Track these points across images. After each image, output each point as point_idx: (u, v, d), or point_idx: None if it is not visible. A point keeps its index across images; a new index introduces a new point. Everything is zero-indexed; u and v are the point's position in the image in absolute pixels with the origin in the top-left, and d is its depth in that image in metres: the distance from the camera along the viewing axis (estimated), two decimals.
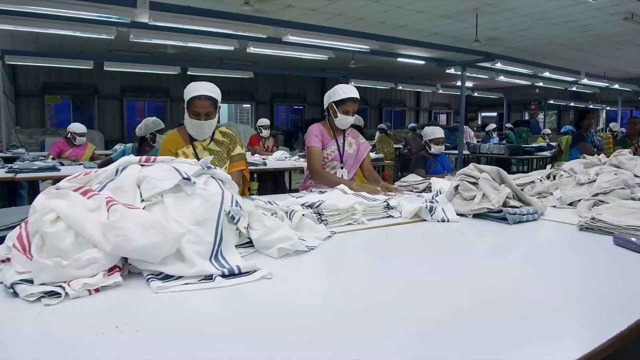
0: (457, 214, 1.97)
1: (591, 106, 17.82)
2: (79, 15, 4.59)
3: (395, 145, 11.39)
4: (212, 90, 2.55)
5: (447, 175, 3.12)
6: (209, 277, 1.19)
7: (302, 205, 1.77)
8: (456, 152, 9.25)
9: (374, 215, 1.94)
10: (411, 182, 2.90)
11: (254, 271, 1.23)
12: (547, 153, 8.67)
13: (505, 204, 1.95)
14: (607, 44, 10.77)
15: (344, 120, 3.04)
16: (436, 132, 4.41)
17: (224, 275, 1.19)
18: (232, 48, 6.47)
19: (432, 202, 2.07)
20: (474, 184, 2.07)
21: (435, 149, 4.40)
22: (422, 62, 11.79)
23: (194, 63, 11.59)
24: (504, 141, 11.05)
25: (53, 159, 5.26)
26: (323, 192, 2.30)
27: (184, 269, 1.19)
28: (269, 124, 7.50)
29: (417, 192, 2.78)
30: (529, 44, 10.71)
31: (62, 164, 4.92)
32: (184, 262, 1.21)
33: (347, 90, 3.02)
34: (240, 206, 1.45)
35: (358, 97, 3.04)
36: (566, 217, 2.03)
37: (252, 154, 6.76)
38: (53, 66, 11.24)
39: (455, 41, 9.57)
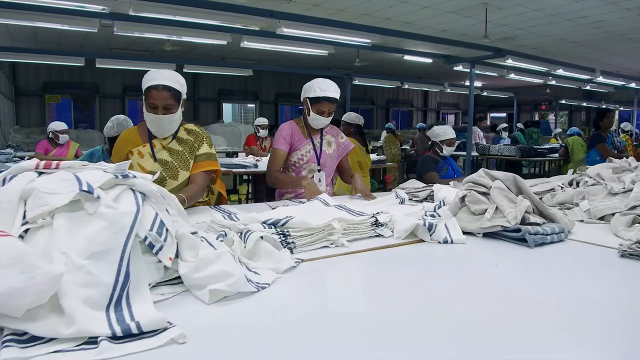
0: (464, 232, 1.58)
1: (604, 106, 17.33)
2: (55, 5, 4.25)
3: (402, 147, 11.02)
4: (172, 79, 2.17)
5: (451, 182, 2.71)
6: (94, 340, 0.81)
7: (264, 223, 1.38)
8: (463, 153, 8.83)
9: (358, 235, 1.53)
10: (411, 189, 2.49)
11: (165, 329, 0.84)
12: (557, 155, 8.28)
13: (523, 221, 1.55)
14: (621, 41, 10.31)
15: (316, 121, 2.71)
16: (448, 132, 4.00)
17: (114, 337, 0.81)
18: (224, 42, 6.09)
19: (433, 217, 1.68)
20: (485, 194, 1.67)
21: (447, 150, 3.99)
22: (430, 61, 11.41)
23: (195, 61, 11.29)
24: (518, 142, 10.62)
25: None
26: (302, 202, 1.91)
27: (57, 327, 0.81)
28: (266, 123, 7.14)
29: (417, 200, 2.38)
30: (540, 42, 10.30)
31: None
32: (60, 315, 0.83)
33: (324, 88, 2.66)
34: (167, 229, 1.07)
35: (336, 96, 2.69)
36: (599, 237, 1.63)
37: (247, 155, 6.39)
38: (53, 64, 11.01)
39: (464, 39, 9.22)
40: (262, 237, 1.25)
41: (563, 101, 17.38)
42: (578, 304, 1.04)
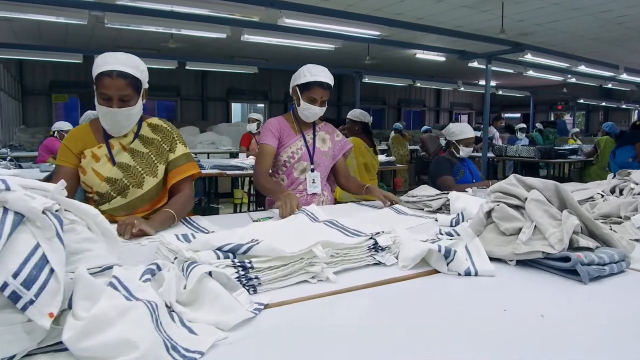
0: (491, 258, 1.20)
1: (623, 106, 16.77)
2: None
3: (412, 147, 10.63)
4: (129, 63, 1.79)
5: (471, 188, 2.32)
6: None
7: (219, 249, 1.00)
8: (478, 154, 8.41)
9: (351, 263, 1.15)
10: (422, 196, 2.11)
11: None
12: (581, 156, 7.81)
13: (571, 244, 1.17)
14: None
15: (307, 111, 2.38)
16: (466, 130, 3.56)
17: None
18: (224, 35, 5.74)
19: (450, 236, 1.30)
20: (518, 207, 1.29)
21: (464, 151, 3.56)
22: (443, 59, 10.98)
23: (200, 59, 11.00)
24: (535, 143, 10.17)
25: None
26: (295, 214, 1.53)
27: None
28: (255, 117, 6.67)
29: (430, 211, 2.00)
30: (559, 39, 9.90)
31: None
32: None
33: (315, 72, 2.35)
34: (52, 269, 0.71)
35: (329, 82, 2.38)
36: None
37: (248, 156, 6.00)
38: (60, 62, 10.83)
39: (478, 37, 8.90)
40: (210, 273, 0.89)
41: (581, 101, 16.83)
42: None
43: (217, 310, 0.83)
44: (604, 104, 17.15)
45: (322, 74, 2.35)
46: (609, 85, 12.64)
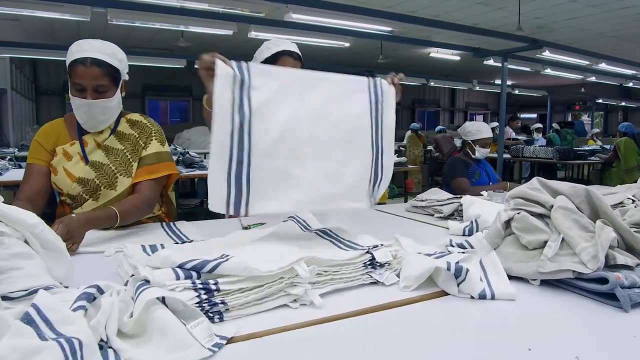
0: (510, 277, 1.01)
1: None
2: None
3: (425, 148, 10.46)
4: (105, 51, 1.64)
5: (484, 191, 2.12)
6: None
7: (180, 267, 0.83)
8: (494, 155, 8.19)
9: (342, 283, 0.97)
10: (432, 200, 1.92)
11: None
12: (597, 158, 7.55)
13: (607, 261, 0.98)
14: None
15: None
16: (483, 130, 3.38)
17: None
18: (230, 32, 5.60)
19: (462, 248, 1.12)
20: (542, 216, 1.10)
21: (480, 152, 3.37)
22: (457, 58, 10.74)
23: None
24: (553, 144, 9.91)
25: None
26: (288, 221, 1.35)
27: None
28: None
29: (440, 217, 1.82)
30: (577, 36, 9.66)
31: None
32: None
33: (279, 43, 2.04)
34: None
35: (297, 50, 2.07)
36: None
37: None
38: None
39: (495, 33, 8.69)
40: (163, 299, 0.72)
41: (599, 100, 16.46)
42: None
43: (164, 347, 0.66)
44: (623, 103, 16.75)
45: (285, 43, 2.05)
46: (630, 84, 12.31)
